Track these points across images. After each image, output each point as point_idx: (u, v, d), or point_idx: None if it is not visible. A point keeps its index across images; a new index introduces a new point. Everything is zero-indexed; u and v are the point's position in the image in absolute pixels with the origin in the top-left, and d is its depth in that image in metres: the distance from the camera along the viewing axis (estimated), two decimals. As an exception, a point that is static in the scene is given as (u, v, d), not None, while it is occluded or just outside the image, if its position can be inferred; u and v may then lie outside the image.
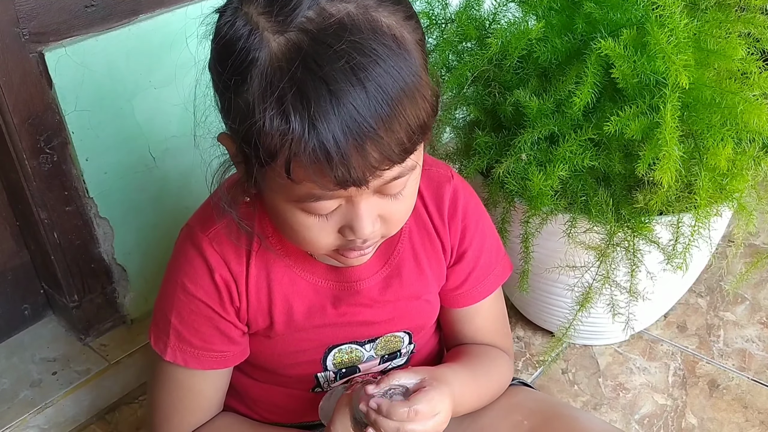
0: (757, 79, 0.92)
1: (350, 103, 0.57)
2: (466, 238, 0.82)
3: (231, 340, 0.78)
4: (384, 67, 0.58)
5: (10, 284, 1.20)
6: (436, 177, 0.82)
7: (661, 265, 1.01)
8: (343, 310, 0.79)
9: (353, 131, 0.57)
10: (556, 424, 0.84)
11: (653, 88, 0.89)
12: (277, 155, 0.59)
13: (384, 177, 0.62)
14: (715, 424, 1.13)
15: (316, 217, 0.65)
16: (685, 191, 0.95)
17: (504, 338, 0.91)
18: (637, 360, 1.25)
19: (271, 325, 0.78)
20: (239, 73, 0.60)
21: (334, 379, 0.84)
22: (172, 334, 0.77)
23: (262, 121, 0.58)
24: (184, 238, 0.78)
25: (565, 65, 0.97)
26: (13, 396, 1.14)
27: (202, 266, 0.75)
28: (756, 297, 1.36)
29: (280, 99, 0.57)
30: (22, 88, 1.00)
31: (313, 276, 0.78)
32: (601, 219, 0.98)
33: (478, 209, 0.84)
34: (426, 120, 0.62)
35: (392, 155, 0.60)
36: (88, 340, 1.22)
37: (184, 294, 0.76)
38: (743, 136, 0.92)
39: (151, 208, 1.18)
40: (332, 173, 0.58)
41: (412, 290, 0.81)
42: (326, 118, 0.57)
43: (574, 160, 0.95)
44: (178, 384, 0.79)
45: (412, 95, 0.60)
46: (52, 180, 1.07)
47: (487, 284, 0.85)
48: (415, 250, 0.81)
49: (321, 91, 0.57)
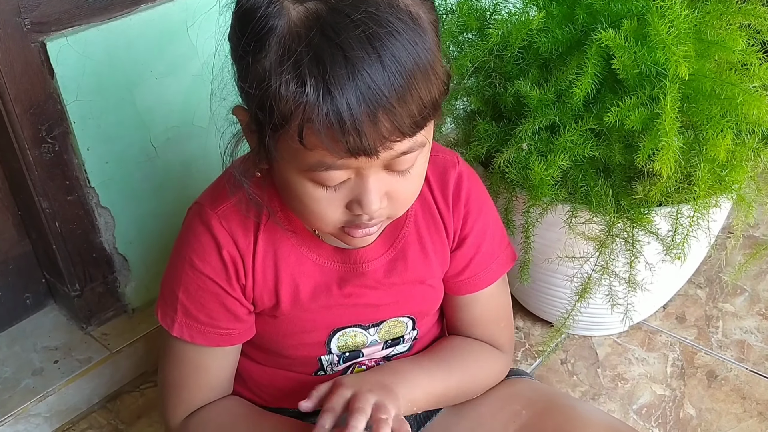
0: (757, 71, 0.92)
1: (365, 71, 0.58)
2: (468, 223, 0.83)
3: (237, 318, 0.79)
4: (399, 39, 0.59)
5: (12, 273, 1.21)
6: (442, 162, 0.82)
7: (660, 255, 1.02)
8: (349, 291, 0.80)
9: (367, 99, 0.58)
10: (554, 414, 0.85)
11: (653, 79, 0.90)
12: (290, 119, 0.60)
13: (394, 150, 0.63)
14: (713, 414, 1.13)
15: (324, 189, 0.66)
16: (685, 182, 0.95)
17: (503, 331, 0.91)
18: (636, 351, 1.25)
19: (277, 304, 0.79)
20: (258, 40, 0.61)
21: (338, 363, 0.85)
22: (179, 309, 0.78)
23: (277, 84, 0.59)
24: (193, 215, 0.78)
25: (566, 56, 0.97)
26: (15, 384, 1.15)
27: (210, 243, 0.76)
28: (755, 288, 1.36)
29: (296, 63, 0.58)
30: (23, 78, 1.00)
31: (320, 257, 0.79)
32: (600, 210, 0.99)
33: (482, 196, 0.85)
34: (437, 97, 0.63)
35: (403, 127, 0.61)
36: (90, 329, 1.23)
37: (192, 270, 0.77)
38: (743, 127, 0.92)
39: (153, 197, 1.18)
40: (344, 139, 0.59)
41: (416, 274, 0.82)
42: (341, 84, 0.58)
43: (574, 150, 0.95)
44: (186, 360, 0.80)
45: (425, 70, 0.61)
46: (53, 169, 1.08)
47: (489, 272, 0.86)
48: (420, 234, 0.81)
49: (337, 57, 0.58)
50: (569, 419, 0.84)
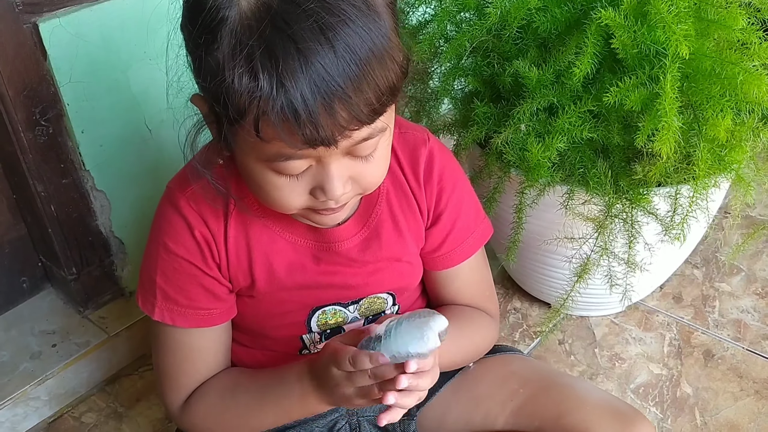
0: (757, 50, 0.92)
1: (318, 62, 0.57)
2: (442, 200, 0.83)
3: (216, 297, 0.79)
4: (353, 27, 0.59)
5: (8, 257, 1.20)
6: (412, 140, 0.82)
7: (659, 236, 1.02)
8: (324, 268, 0.80)
9: (321, 90, 0.58)
10: (551, 392, 0.85)
11: (653, 59, 0.89)
12: (246, 113, 0.60)
13: (353, 138, 0.62)
14: (710, 393, 1.14)
15: (286, 178, 0.66)
16: (684, 162, 0.95)
17: (487, 301, 0.92)
18: (633, 330, 1.26)
19: (252, 283, 0.79)
20: (209, 32, 0.60)
21: (320, 340, 0.85)
22: (158, 294, 0.78)
23: (231, 79, 0.59)
24: (164, 200, 0.79)
25: (565, 35, 0.96)
26: (13, 368, 1.15)
27: (181, 225, 0.76)
28: (752, 268, 1.37)
29: (248, 57, 0.58)
30: (16, 60, 0.99)
31: (292, 235, 0.79)
32: (599, 191, 0.98)
33: (455, 172, 0.84)
34: (395, 82, 0.62)
35: (361, 116, 0.60)
36: (87, 312, 1.23)
37: (167, 253, 0.77)
38: (742, 107, 0.92)
39: (148, 180, 1.18)
40: (300, 131, 0.59)
41: (391, 252, 0.82)
42: (294, 77, 0.57)
43: (573, 132, 0.94)
44: (174, 344, 0.81)
45: (381, 57, 0.60)
46: (47, 152, 1.07)
47: (465, 247, 0.86)
48: (393, 212, 0.81)
49: (289, 49, 0.57)
50: (566, 397, 0.84)
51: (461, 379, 0.90)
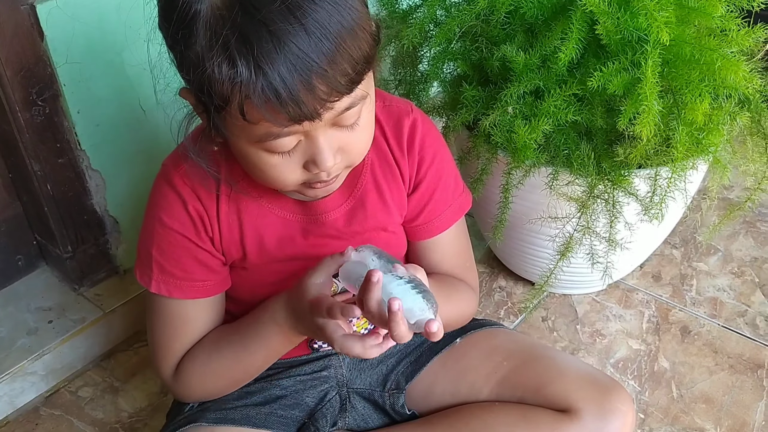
0: (736, 36, 0.95)
1: (291, 42, 0.60)
2: (422, 168, 0.85)
3: (210, 269, 0.82)
4: (320, 3, 0.61)
5: (4, 235, 1.22)
6: (396, 111, 0.85)
7: (639, 216, 1.05)
8: (312, 241, 0.83)
9: (298, 68, 0.61)
10: (534, 364, 0.89)
11: (635, 45, 0.92)
12: (230, 100, 0.63)
13: (336, 108, 0.65)
14: (686, 367, 1.18)
15: (279, 155, 0.69)
16: (663, 145, 0.98)
17: (467, 272, 0.94)
18: (614, 308, 1.30)
19: (244, 256, 0.82)
20: (185, 27, 0.63)
21: None
22: (154, 267, 0.81)
23: (211, 69, 0.61)
24: (159, 177, 0.82)
25: (551, 21, 0.99)
26: (10, 344, 1.17)
27: (175, 199, 0.79)
28: (728, 248, 1.41)
29: (224, 46, 0.60)
30: (14, 41, 1.00)
31: (282, 210, 0.82)
32: (582, 172, 1.02)
33: (436, 143, 0.87)
34: (369, 51, 0.65)
35: (339, 87, 0.63)
36: (82, 290, 1.25)
37: (162, 227, 0.80)
38: (720, 91, 0.95)
39: (143, 160, 1.20)
40: (284, 110, 0.62)
41: (376, 221, 0.85)
42: (270, 59, 0.60)
43: (558, 115, 0.97)
44: (169, 314, 0.83)
45: (351, 28, 0.63)
46: (44, 132, 1.08)
47: (444, 217, 0.89)
48: (378, 182, 0.84)
49: (262, 33, 0.60)
50: (548, 369, 0.88)
51: (448, 353, 0.93)
